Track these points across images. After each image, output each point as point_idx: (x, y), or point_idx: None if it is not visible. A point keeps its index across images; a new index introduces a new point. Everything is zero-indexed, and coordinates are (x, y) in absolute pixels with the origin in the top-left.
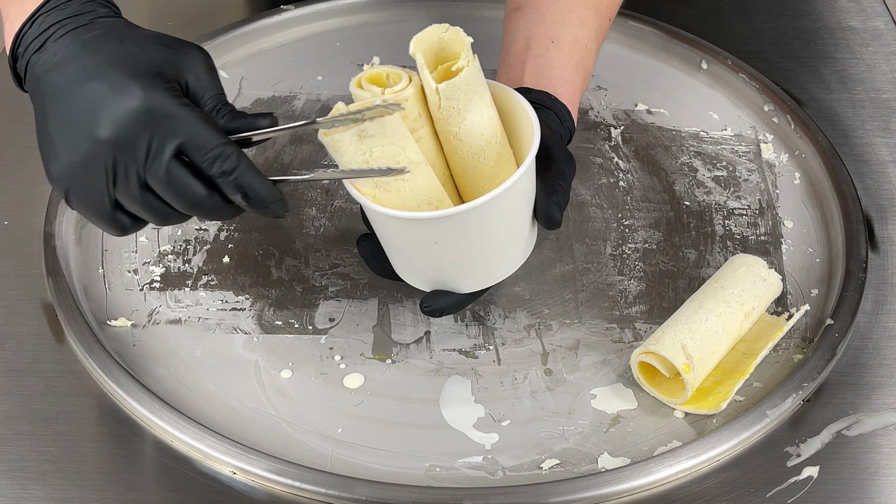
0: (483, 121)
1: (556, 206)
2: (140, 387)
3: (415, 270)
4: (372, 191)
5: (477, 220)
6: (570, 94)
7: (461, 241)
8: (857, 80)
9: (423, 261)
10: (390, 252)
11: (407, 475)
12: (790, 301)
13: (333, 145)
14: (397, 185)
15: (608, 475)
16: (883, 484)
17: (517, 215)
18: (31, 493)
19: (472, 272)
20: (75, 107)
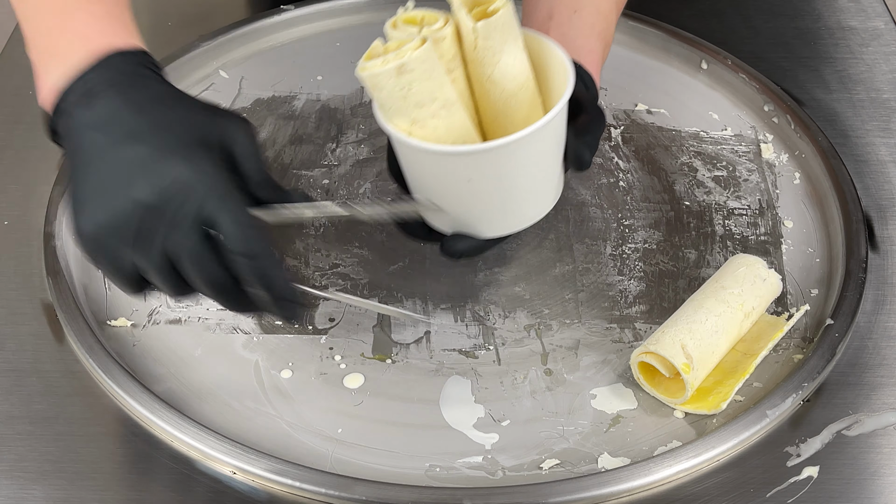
0: (517, 64)
1: (586, 146)
2: (140, 387)
3: (443, 211)
4: (408, 127)
5: (512, 156)
6: (593, 63)
7: (494, 179)
8: (857, 80)
9: (453, 200)
10: (420, 191)
11: (407, 475)
12: (790, 301)
13: (372, 80)
14: (433, 123)
15: (608, 475)
16: (883, 484)
17: (549, 156)
18: (31, 493)
19: (500, 214)
20: (115, 167)
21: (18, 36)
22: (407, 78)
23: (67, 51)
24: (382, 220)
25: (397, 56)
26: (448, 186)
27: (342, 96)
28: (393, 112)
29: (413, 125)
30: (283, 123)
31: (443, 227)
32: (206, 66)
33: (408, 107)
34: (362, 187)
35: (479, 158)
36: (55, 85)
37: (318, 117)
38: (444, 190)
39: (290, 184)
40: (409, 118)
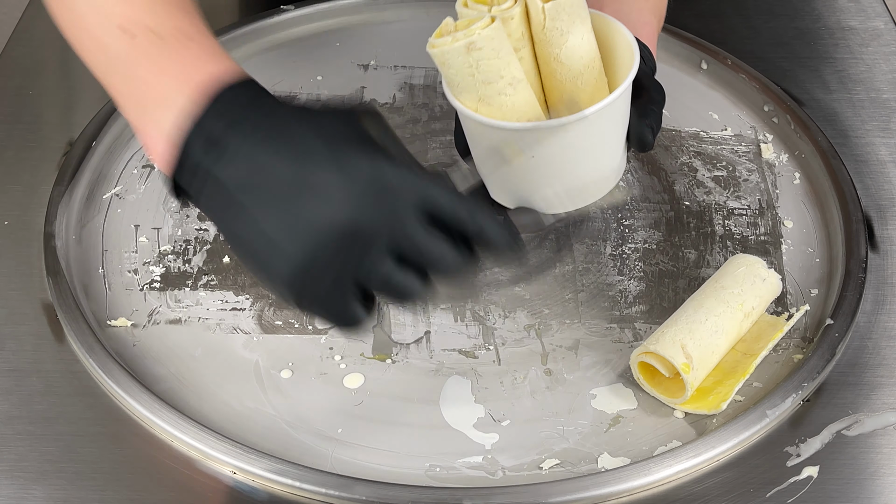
0: (584, 44)
1: (648, 128)
2: (140, 387)
3: (503, 185)
4: (475, 104)
5: (576, 134)
6: (649, 36)
7: (558, 155)
8: (857, 80)
9: (517, 175)
10: (485, 168)
11: (407, 475)
12: (790, 301)
13: (441, 57)
14: (499, 100)
15: (608, 475)
16: (883, 484)
17: (612, 135)
18: (31, 493)
19: (563, 190)
20: (297, 199)
21: (18, 36)
22: (475, 55)
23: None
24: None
25: (466, 34)
26: (514, 162)
27: (342, 96)
28: (461, 88)
29: (480, 102)
30: None
31: (505, 202)
32: None
33: (475, 84)
34: None
35: (544, 135)
36: (168, 137)
37: None
38: (509, 165)
39: None
40: (477, 95)
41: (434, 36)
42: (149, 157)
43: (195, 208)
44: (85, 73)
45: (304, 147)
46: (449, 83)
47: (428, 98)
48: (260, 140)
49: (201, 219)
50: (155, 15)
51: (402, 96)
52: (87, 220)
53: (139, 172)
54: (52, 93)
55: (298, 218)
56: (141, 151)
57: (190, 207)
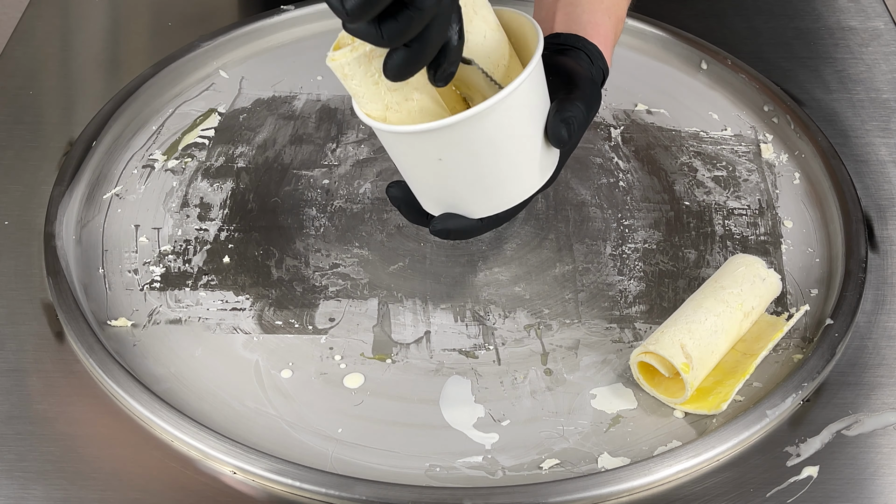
0: (487, 42)
1: (562, 123)
2: (140, 387)
3: (424, 192)
4: (383, 113)
5: (478, 129)
6: (601, 37)
7: (464, 156)
8: (857, 80)
9: (430, 180)
10: (404, 176)
11: (407, 475)
12: (790, 301)
13: (343, 70)
14: (407, 106)
15: (608, 475)
16: (883, 484)
17: (522, 129)
18: (31, 493)
19: (481, 192)
20: None
21: (18, 36)
22: (376, 63)
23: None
24: None
25: (363, 43)
26: (422, 166)
27: (342, 96)
28: (367, 99)
29: (388, 111)
30: (283, 123)
31: (433, 210)
32: (206, 66)
33: (380, 92)
34: (362, 187)
35: (443, 134)
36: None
37: (318, 117)
38: (420, 171)
39: (291, 184)
40: (383, 104)
41: (332, 49)
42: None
43: (196, 207)
44: (85, 73)
45: None
46: (354, 95)
47: None
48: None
49: (201, 219)
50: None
51: None
52: (87, 220)
53: (139, 172)
54: (52, 93)
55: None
56: (141, 151)
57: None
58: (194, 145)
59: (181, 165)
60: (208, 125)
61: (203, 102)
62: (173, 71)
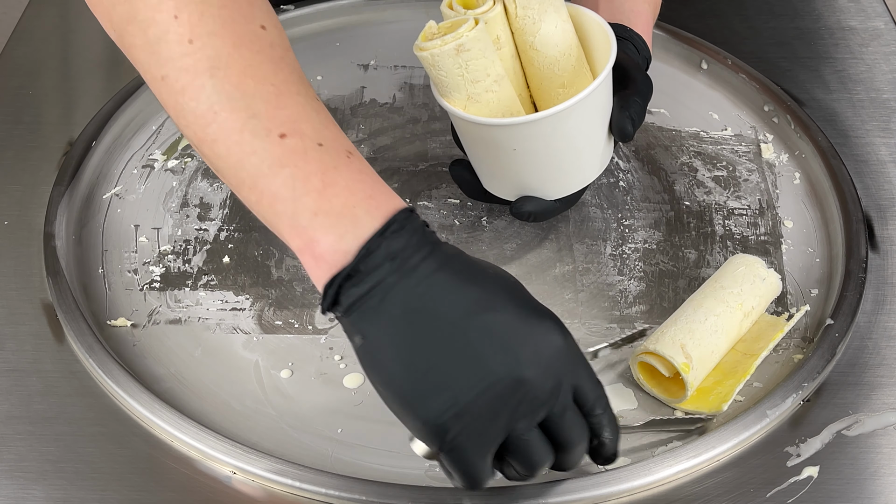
0: (558, 32)
1: (628, 119)
2: (140, 387)
3: (496, 178)
4: (464, 103)
5: (553, 127)
6: (643, 25)
7: (538, 148)
8: (857, 80)
9: (504, 167)
10: (476, 161)
11: (407, 475)
12: (790, 301)
13: (431, 60)
14: (487, 97)
15: (608, 475)
16: (883, 484)
17: (592, 126)
18: (31, 493)
19: (550, 180)
20: (475, 337)
21: (18, 36)
22: (465, 56)
23: (353, 210)
24: None
25: (455, 36)
26: (497, 155)
27: (342, 96)
28: (451, 89)
29: (469, 100)
30: None
31: (504, 194)
32: None
33: (465, 83)
34: None
35: (521, 130)
36: (342, 248)
37: None
38: (495, 158)
39: None
40: (466, 94)
41: (420, 39)
42: (298, 253)
43: (195, 207)
44: (85, 73)
45: (491, 287)
46: (438, 84)
47: (428, 98)
48: (443, 266)
49: (201, 219)
50: (311, 124)
51: (402, 96)
52: (87, 220)
53: (139, 172)
54: (52, 93)
55: (473, 357)
56: (141, 151)
57: (190, 207)
58: None
59: (181, 165)
60: None
61: None
62: None
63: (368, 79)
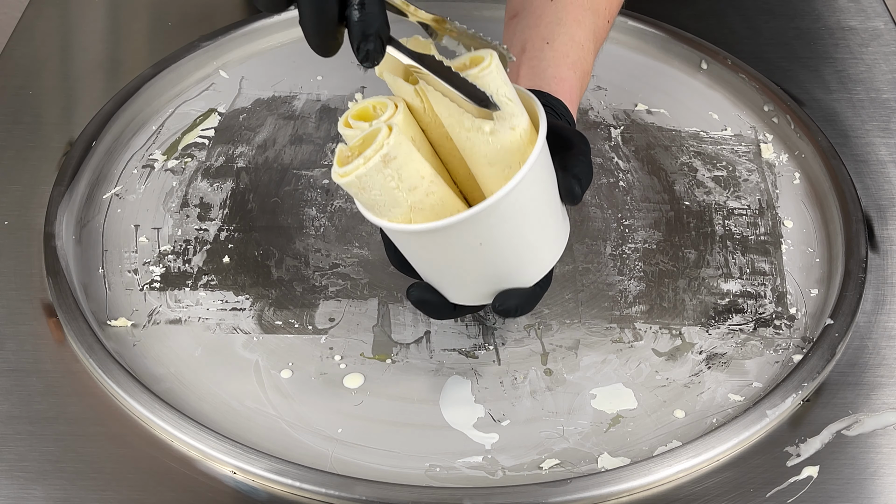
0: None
1: (574, 179)
2: (140, 387)
3: (466, 286)
4: (407, 216)
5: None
6: (566, 91)
7: (506, 233)
8: (857, 80)
9: (473, 270)
10: (437, 277)
11: (407, 475)
12: (790, 301)
13: (359, 182)
14: (430, 202)
15: (608, 475)
16: (883, 484)
17: (549, 190)
18: (31, 493)
19: (524, 264)
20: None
21: (18, 36)
22: (394, 165)
23: None
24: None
25: (376, 148)
26: (465, 258)
27: (342, 96)
28: (389, 206)
29: (412, 212)
30: (283, 123)
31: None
32: (206, 66)
33: (402, 195)
34: None
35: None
36: None
37: (318, 117)
38: (462, 263)
39: (291, 184)
40: (407, 206)
41: (336, 165)
42: None
43: (195, 207)
44: (85, 73)
45: None
46: (372, 206)
47: None
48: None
49: (201, 219)
50: None
51: None
52: (87, 220)
53: (139, 172)
54: (52, 93)
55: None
56: (141, 151)
57: (190, 207)
58: (194, 145)
59: (181, 165)
60: (208, 125)
61: (203, 102)
62: (173, 71)
63: (368, 79)
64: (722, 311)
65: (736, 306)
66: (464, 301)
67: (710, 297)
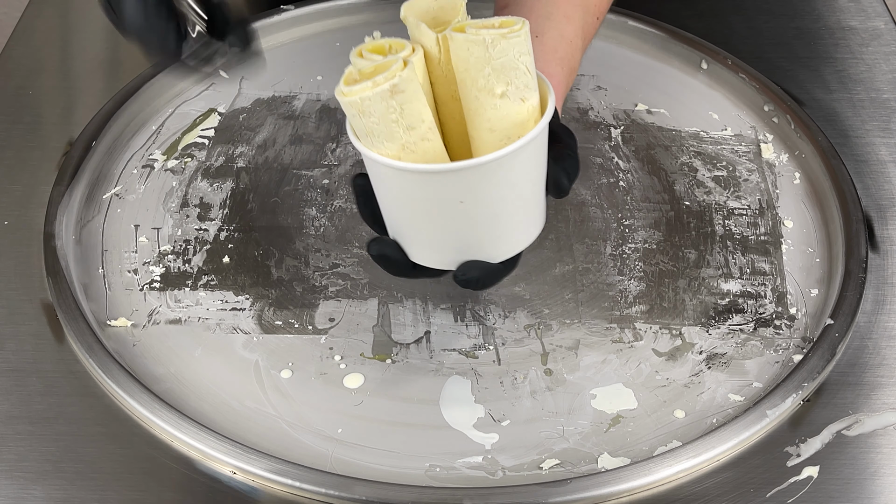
0: None
1: (563, 172)
2: (140, 387)
3: (434, 245)
4: (398, 153)
5: (506, 169)
6: (553, 87)
7: (488, 198)
8: (857, 80)
9: (446, 229)
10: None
11: (407, 475)
12: (790, 301)
13: (361, 105)
14: (423, 147)
15: (608, 475)
16: (883, 484)
17: (539, 172)
18: (31, 493)
19: (497, 237)
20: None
21: (18, 36)
22: (399, 99)
23: None
24: None
25: (388, 77)
26: (441, 213)
27: None
28: (383, 138)
29: (403, 150)
30: (283, 123)
31: (442, 263)
32: None
33: (398, 131)
34: None
35: (475, 174)
36: None
37: (318, 117)
38: (436, 219)
39: (291, 184)
40: (400, 143)
41: (343, 83)
42: None
43: (195, 207)
44: (85, 73)
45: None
46: (367, 133)
47: None
48: None
49: (201, 219)
50: None
51: None
52: (87, 220)
53: (139, 172)
54: (52, 93)
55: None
56: (141, 151)
57: (190, 207)
58: (194, 145)
59: (181, 165)
60: (208, 125)
61: (203, 102)
62: (173, 70)
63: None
64: (722, 311)
65: (736, 306)
66: (426, 262)
67: (711, 297)
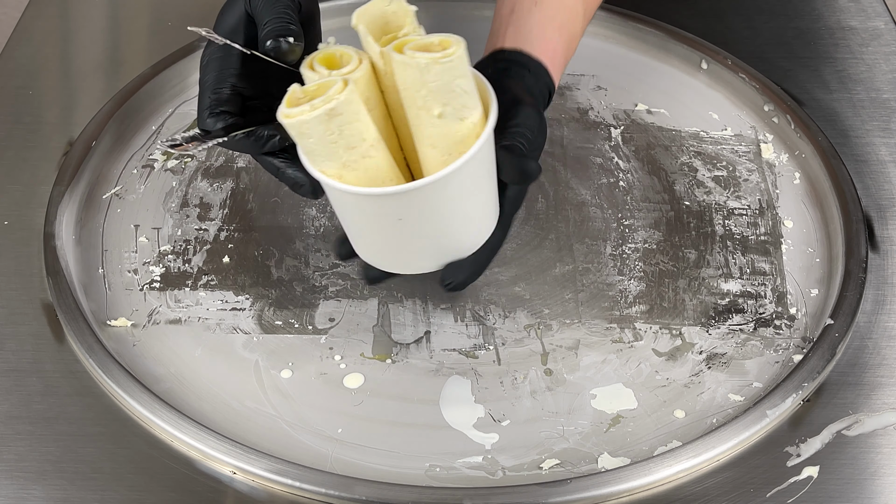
0: None
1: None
2: (140, 387)
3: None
4: (338, 171)
5: (440, 192)
6: (549, 52)
7: (424, 214)
8: (857, 80)
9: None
10: (354, 236)
11: (407, 475)
12: (790, 301)
13: (300, 128)
14: (364, 164)
15: (608, 475)
16: (883, 484)
17: (483, 182)
18: (31, 493)
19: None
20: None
21: (18, 36)
22: (337, 121)
23: None
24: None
25: (325, 100)
26: (381, 226)
27: None
28: (323, 157)
29: (344, 168)
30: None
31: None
32: None
33: (338, 151)
34: None
35: (409, 197)
36: None
37: None
38: (377, 229)
39: None
40: (340, 162)
41: (285, 105)
42: None
43: (195, 207)
44: (85, 73)
45: None
46: (308, 153)
47: None
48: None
49: (201, 219)
50: None
51: None
52: (87, 220)
53: (139, 172)
54: (52, 93)
55: None
56: (141, 151)
57: (190, 207)
58: None
59: (181, 165)
60: None
61: None
62: (173, 70)
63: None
64: (722, 311)
65: (736, 306)
66: (371, 261)
67: (711, 297)
